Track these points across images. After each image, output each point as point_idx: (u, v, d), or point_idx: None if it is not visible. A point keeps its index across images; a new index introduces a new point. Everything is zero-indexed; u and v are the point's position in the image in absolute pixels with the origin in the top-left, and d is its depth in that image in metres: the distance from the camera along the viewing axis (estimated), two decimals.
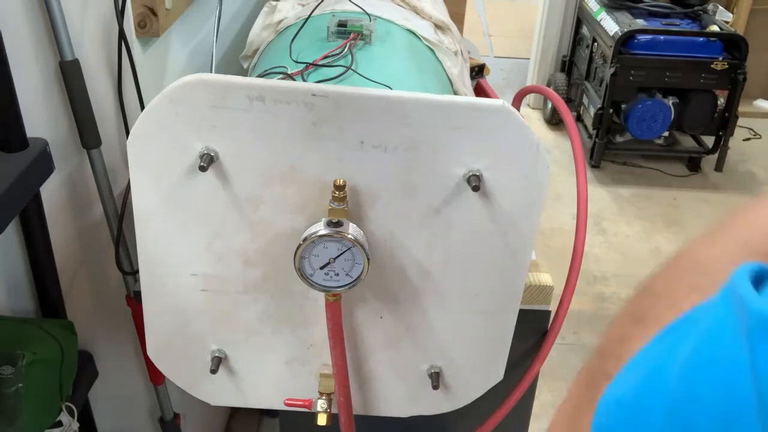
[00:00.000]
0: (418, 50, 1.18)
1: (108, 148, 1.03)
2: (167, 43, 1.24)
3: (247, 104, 0.69)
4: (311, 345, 0.83)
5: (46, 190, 0.93)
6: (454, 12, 1.46)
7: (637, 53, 2.95)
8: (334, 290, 0.74)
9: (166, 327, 0.82)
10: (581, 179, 1.08)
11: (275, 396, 0.87)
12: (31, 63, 0.91)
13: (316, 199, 0.73)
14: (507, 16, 5.04)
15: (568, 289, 1.07)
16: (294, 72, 0.99)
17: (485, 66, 1.61)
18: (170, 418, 1.33)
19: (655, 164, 3.25)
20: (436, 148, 0.71)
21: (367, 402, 0.88)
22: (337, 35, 1.07)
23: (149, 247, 0.77)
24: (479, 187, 0.72)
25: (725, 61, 2.93)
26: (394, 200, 0.74)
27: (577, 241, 1.07)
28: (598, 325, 2.32)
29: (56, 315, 1.01)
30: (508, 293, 0.81)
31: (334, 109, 0.69)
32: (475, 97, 0.96)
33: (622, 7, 3.16)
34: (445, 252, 0.77)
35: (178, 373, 0.86)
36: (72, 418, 0.96)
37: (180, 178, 0.72)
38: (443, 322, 0.82)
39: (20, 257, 0.95)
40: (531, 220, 0.76)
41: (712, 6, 3.16)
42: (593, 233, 2.74)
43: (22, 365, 0.86)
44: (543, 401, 2.01)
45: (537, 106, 3.76)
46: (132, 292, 1.14)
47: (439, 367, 0.85)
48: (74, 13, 0.94)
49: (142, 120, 0.70)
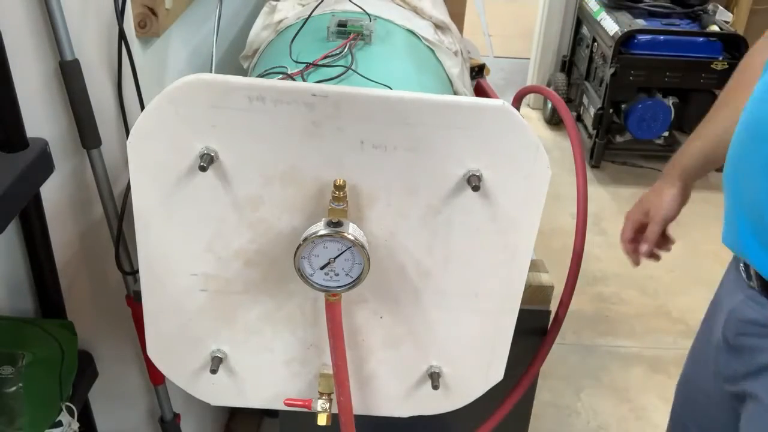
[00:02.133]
0: (418, 50, 1.18)
1: (108, 148, 1.03)
2: (167, 43, 1.24)
3: (247, 104, 0.69)
4: (311, 345, 0.83)
5: (46, 190, 0.93)
6: (454, 12, 1.46)
7: (637, 53, 2.95)
8: (334, 290, 0.74)
9: (166, 327, 0.82)
10: (581, 179, 1.09)
11: (275, 396, 0.87)
12: (31, 63, 0.91)
13: (316, 199, 0.73)
14: (507, 16, 5.04)
15: (568, 289, 1.07)
16: (294, 72, 0.99)
17: (485, 66, 1.62)
18: (170, 418, 1.33)
19: (655, 164, 3.25)
20: (436, 148, 0.71)
21: (367, 402, 0.88)
22: (337, 35, 1.07)
23: (149, 247, 0.77)
24: (479, 187, 0.72)
25: (725, 61, 2.93)
26: (394, 200, 0.74)
27: (577, 241, 1.07)
28: (598, 325, 2.32)
29: (56, 315, 1.01)
30: (508, 293, 0.81)
31: (334, 109, 0.69)
32: (475, 97, 0.96)
33: (622, 7, 3.15)
34: (445, 252, 0.77)
35: (178, 373, 0.86)
36: (72, 418, 0.96)
37: (180, 178, 0.72)
38: (443, 322, 0.82)
39: (20, 257, 0.95)
40: (531, 220, 0.76)
41: (712, 6, 3.15)
42: (593, 233, 2.74)
43: (22, 365, 0.86)
44: (543, 401, 2.01)
45: (537, 106, 3.76)
46: (132, 292, 1.14)
47: (439, 367, 0.85)
48: (74, 13, 0.94)
49: (142, 120, 0.70)
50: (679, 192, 1.12)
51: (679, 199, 1.12)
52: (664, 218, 1.12)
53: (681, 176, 1.12)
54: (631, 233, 1.16)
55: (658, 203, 1.12)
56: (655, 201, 1.13)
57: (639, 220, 1.15)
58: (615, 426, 1.96)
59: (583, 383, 2.10)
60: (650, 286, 2.49)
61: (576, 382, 2.10)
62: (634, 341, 2.26)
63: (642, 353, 2.21)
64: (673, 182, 1.12)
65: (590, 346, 2.24)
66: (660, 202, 1.12)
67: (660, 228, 1.12)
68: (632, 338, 2.27)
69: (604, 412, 2.00)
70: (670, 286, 2.48)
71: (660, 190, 1.13)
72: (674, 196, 1.11)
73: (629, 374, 2.14)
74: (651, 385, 2.09)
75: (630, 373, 2.14)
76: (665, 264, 2.65)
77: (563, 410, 2.00)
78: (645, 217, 1.14)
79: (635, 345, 2.25)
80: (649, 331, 2.29)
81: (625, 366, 2.17)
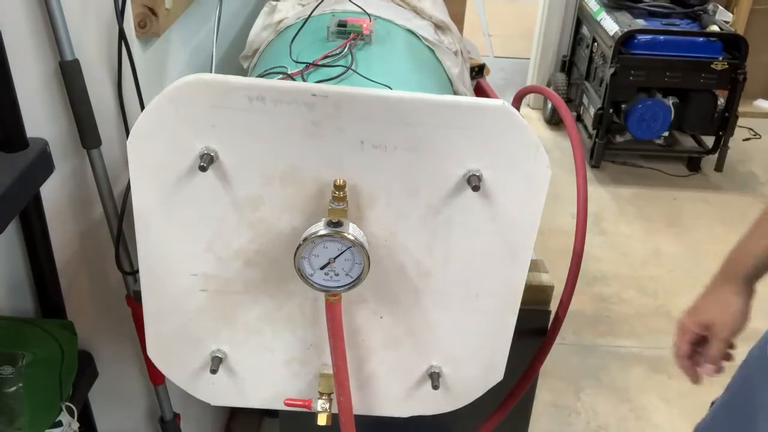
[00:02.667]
0: (418, 50, 1.18)
1: (108, 148, 1.03)
2: (167, 43, 1.24)
3: (247, 104, 0.69)
4: (311, 345, 0.83)
5: (46, 190, 0.93)
6: (454, 12, 1.46)
7: (637, 53, 2.95)
8: (334, 290, 0.74)
9: (166, 327, 0.82)
10: (581, 179, 1.08)
11: (275, 396, 0.87)
12: (31, 63, 0.91)
13: (316, 199, 0.73)
14: (507, 16, 5.04)
15: (568, 289, 1.07)
16: (294, 72, 0.99)
17: (485, 66, 1.62)
18: (170, 418, 1.33)
19: (655, 164, 3.25)
20: (436, 148, 0.71)
21: (367, 402, 0.88)
22: (337, 35, 1.07)
23: (149, 247, 0.77)
24: (479, 187, 0.72)
25: (725, 61, 2.93)
26: (394, 200, 0.74)
27: (577, 241, 1.07)
28: (598, 325, 2.32)
29: (56, 315, 1.01)
30: (508, 293, 0.81)
31: (334, 109, 0.69)
32: (475, 97, 0.96)
33: (622, 7, 3.15)
34: (445, 252, 0.77)
35: (178, 373, 0.86)
36: (72, 418, 0.96)
37: (180, 178, 0.72)
38: (443, 322, 0.82)
39: (20, 257, 0.95)
40: (531, 220, 0.76)
41: (712, 6, 3.15)
42: (593, 233, 2.74)
43: (22, 365, 0.86)
44: (543, 401, 2.01)
45: (537, 106, 3.76)
46: (132, 292, 1.14)
47: (439, 367, 0.85)
48: (74, 13, 0.94)
49: (142, 120, 0.70)
50: (746, 301, 0.95)
51: (747, 308, 0.95)
52: (732, 335, 0.95)
53: (747, 280, 0.95)
54: (689, 349, 1.00)
55: (724, 319, 0.95)
56: (721, 316, 0.96)
57: (697, 335, 0.99)
58: (615, 426, 1.96)
59: (583, 383, 2.09)
60: (650, 286, 2.48)
61: (576, 382, 2.09)
62: (634, 341, 2.26)
63: (642, 353, 2.21)
64: (738, 290, 0.95)
65: (590, 346, 2.24)
66: (727, 317, 0.95)
67: (726, 346, 0.96)
68: (632, 338, 2.27)
69: (604, 412, 2.00)
70: (670, 286, 2.48)
71: (724, 300, 0.96)
72: (742, 308, 0.95)
73: (629, 374, 2.14)
74: (651, 385, 2.09)
75: (630, 373, 2.14)
76: (665, 264, 2.65)
77: (563, 410, 2.00)
78: (704, 331, 0.97)
79: (635, 345, 2.25)
80: (649, 331, 2.29)
81: (625, 366, 2.17)
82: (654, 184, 3.12)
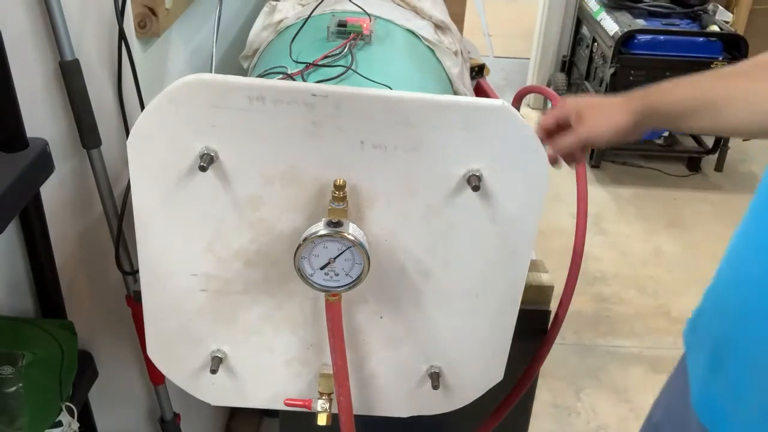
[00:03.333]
0: (418, 50, 1.18)
1: (108, 148, 1.03)
2: (167, 43, 1.24)
3: (247, 104, 0.69)
4: (311, 345, 0.83)
5: (46, 190, 0.93)
6: (454, 12, 1.46)
7: (637, 53, 2.95)
8: (334, 290, 0.74)
9: (166, 327, 0.82)
10: (581, 179, 1.08)
11: (275, 396, 0.87)
12: (31, 63, 0.91)
13: (316, 199, 0.73)
14: (507, 16, 5.04)
15: (568, 289, 1.07)
16: (294, 72, 1.00)
17: (485, 66, 1.62)
18: (170, 418, 1.33)
19: (655, 164, 3.25)
20: (436, 148, 0.71)
21: (367, 402, 0.88)
22: (337, 35, 1.07)
23: (149, 247, 0.77)
24: (479, 187, 0.72)
25: (725, 61, 2.93)
26: (394, 200, 0.74)
27: (577, 241, 1.07)
28: (598, 325, 2.32)
29: (56, 315, 1.00)
30: (508, 293, 0.81)
31: (334, 109, 0.69)
32: (475, 97, 0.96)
33: (622, 7, 3.16)
34: (445, 252, 0.77)
35: (178, 373, 0.86)
36: (72, 418, 0.96)
37: (180, 178, 0.72)
38: (443, 322, 0.82)
39: (20, 257, 0.95)
40: (531, 220, 0.76)
41: (712, 6, 3.15)
42: (593, 233, 2.74)
43: (22, 365, 0.86)
44: (543, 401, 2.01)
45: (537, 106, 3.76)
46: (132, 292, 1.14)
47: (439, 367, 0.85)
48: (74, 13, 0.94)
49: (142, 120, 0.70)
50: (628, 124, 0.93)
51: (621, 136, 0.94)
52: (589, 140, 0.95)
53: (643, 113, 0.93)
54: (552, 123, 0.97)
55: (598, 122, 0.94)
56: (597, 119, 0.94)
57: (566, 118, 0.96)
58: (615, 426, 1.96)
59: (583, 383, 2.10)
60: (650, 286, 2.49)
61: (576, 382, 2.10)
62: (634, 341, 2.26)
63: (642, 353, 2.21)
64: (631, 114, 0.93)
65: (590, 346, 2.24)
66: (602, 122, 0.94)
67: (579, 145, 0.95)
68: (632, 338, 2.27)
69: (604, 412, 2.00)
70: (670, 286, 2.48)
71: (611, 111, 0.94)
72: (620, 126, 0.93)
73: (629, 374, 2.14)
74: (651, 385, 2.09)
75: (630, 373, 2.14)
76: (665, 264, 2.65)
77: (563, 410, 2.00)
78: (576, 120, 0.95)
79: (635, 345, 2.25)
80: (649, 331, 2.29)
81: (625, 366, 2.17)
82: (654, 184, 3.12)
